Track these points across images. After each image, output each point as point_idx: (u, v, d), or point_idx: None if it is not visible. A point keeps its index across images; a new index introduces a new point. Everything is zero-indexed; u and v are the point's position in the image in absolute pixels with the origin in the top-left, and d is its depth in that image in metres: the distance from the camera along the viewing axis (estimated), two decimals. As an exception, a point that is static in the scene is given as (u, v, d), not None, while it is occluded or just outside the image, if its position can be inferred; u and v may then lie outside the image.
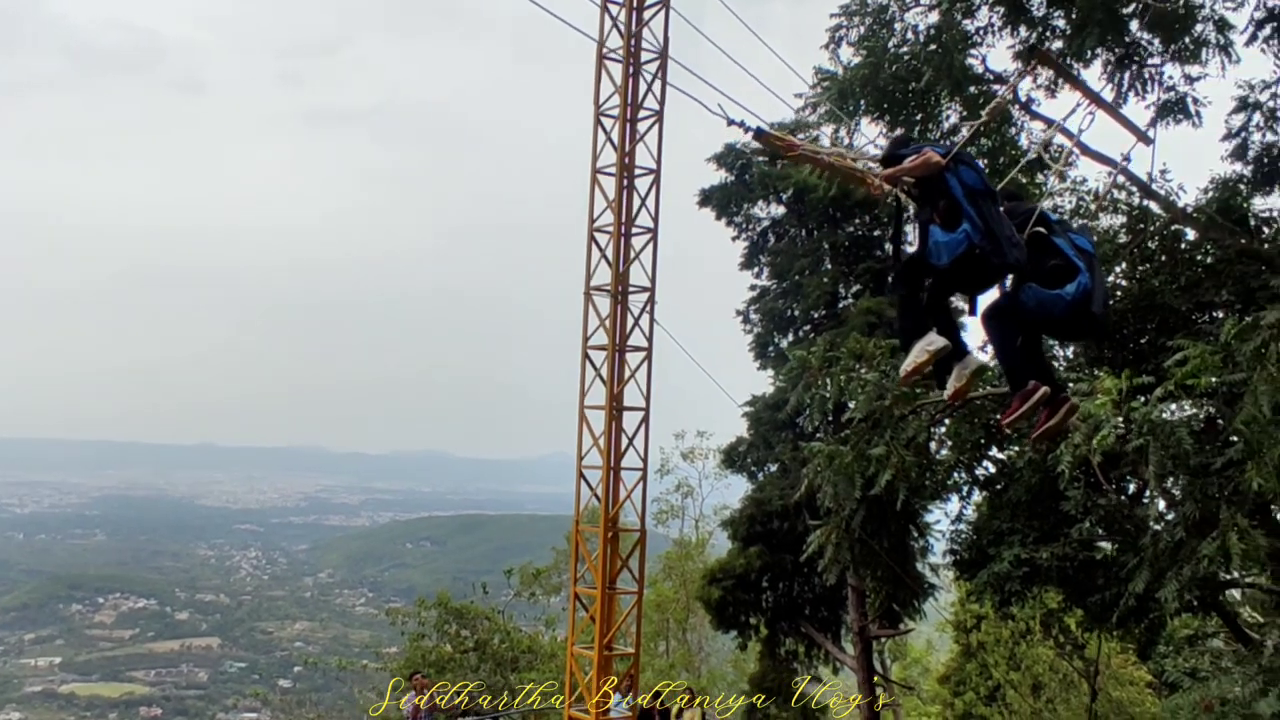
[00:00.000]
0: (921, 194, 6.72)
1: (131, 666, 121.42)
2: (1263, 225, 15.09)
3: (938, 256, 6.48)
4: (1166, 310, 14.44)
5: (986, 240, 6.31)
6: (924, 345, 6.65)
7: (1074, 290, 6.45)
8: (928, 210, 6.62)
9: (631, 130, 19.00)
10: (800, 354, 14.97)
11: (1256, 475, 10.26)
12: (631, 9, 18.87)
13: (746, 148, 28.02)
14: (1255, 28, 15.12)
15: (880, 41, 15.90)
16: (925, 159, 6.58)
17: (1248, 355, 10.72)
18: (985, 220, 6.36)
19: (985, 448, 15.73)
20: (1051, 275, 6.51)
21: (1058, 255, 6.58)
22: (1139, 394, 11.12)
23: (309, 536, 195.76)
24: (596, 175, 19.18)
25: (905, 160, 6.69)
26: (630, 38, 18.76)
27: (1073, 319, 6.55)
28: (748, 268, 28.32)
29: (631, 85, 18.99)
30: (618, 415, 18.92)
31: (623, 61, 18.86)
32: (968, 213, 6.37)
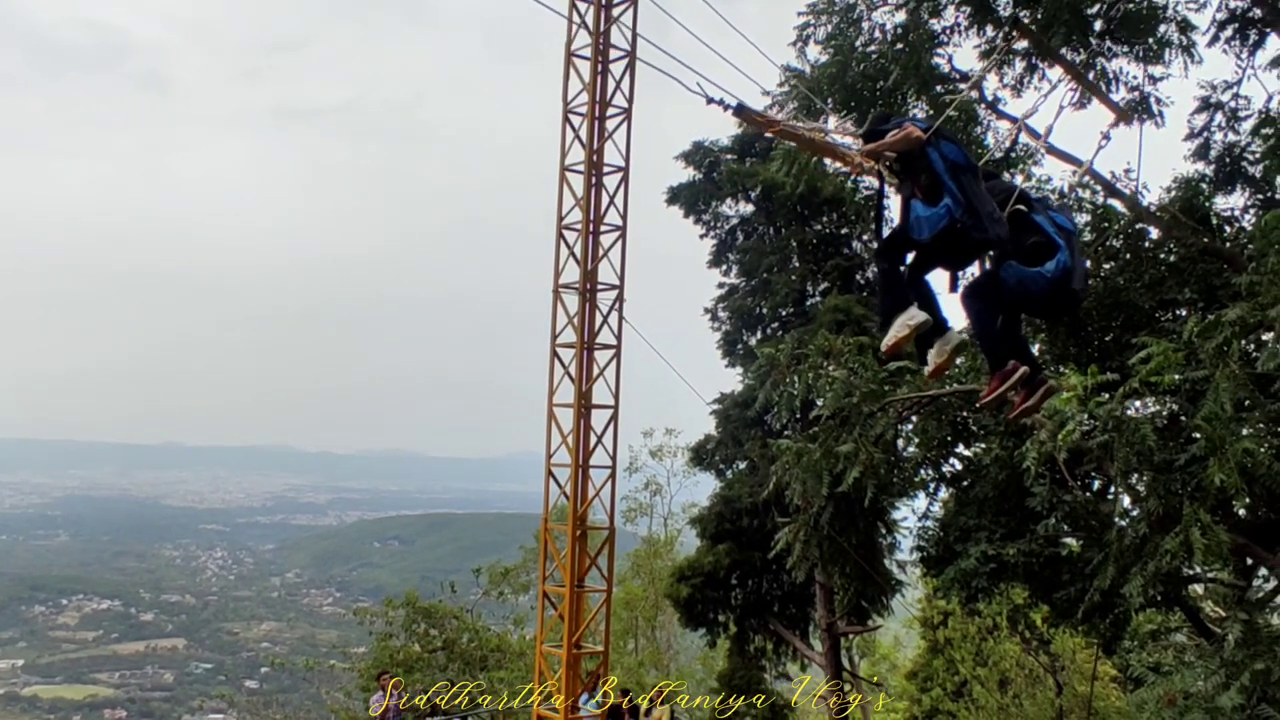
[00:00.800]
0: (903, 169, 6.66)
1: (95, 668, 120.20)
2: (1224, 224, 15.25)
3: (919, 231, 6.40)
4: (1131, 308, 14.56)
5: (968, 215, 6.27)
6: (904, 320, 6.56)
7: (1054, 268, 6.45)
8: (909, 185, 6.55)
9: (600, 128, 18.99)
10: (768, 352, 15.02)
11: (1218, 471, 10.36)
12: (599, 7, 18.85)
13: (715, 146, 28.11)
14: (1217, 29, 15.34)
15: (848, 40, 15.97)
16: (907, 133, 6.55)
17: (1210, 352, 10.85)
18: (967, 195, 6.33)
19: (952, 445, 15.83)
20: (1032, 253, 6.50)
21: (1038, 233, 6.58)
22: (1104, 391, 11.21)
23: (276, 536, 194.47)
24: (565, 173, 19.16)
25: (887, 135, 6.69)
26: (598, 36, 18.75)
27: (1053, 296, 6.52)
28: (716, 265, 28.38)
29: (600, 83, 18.97)
30: (586, 413, 18.90)
31: (591, 59, 18.84)
32: (949, 187, 6.33)
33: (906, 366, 14.85)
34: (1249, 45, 15.46)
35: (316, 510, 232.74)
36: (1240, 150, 15.96)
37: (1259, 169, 15.81)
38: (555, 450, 19.12)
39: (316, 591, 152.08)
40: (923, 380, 14.69)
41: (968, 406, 14.97)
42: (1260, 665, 10.52)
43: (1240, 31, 15.37)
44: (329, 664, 35.11)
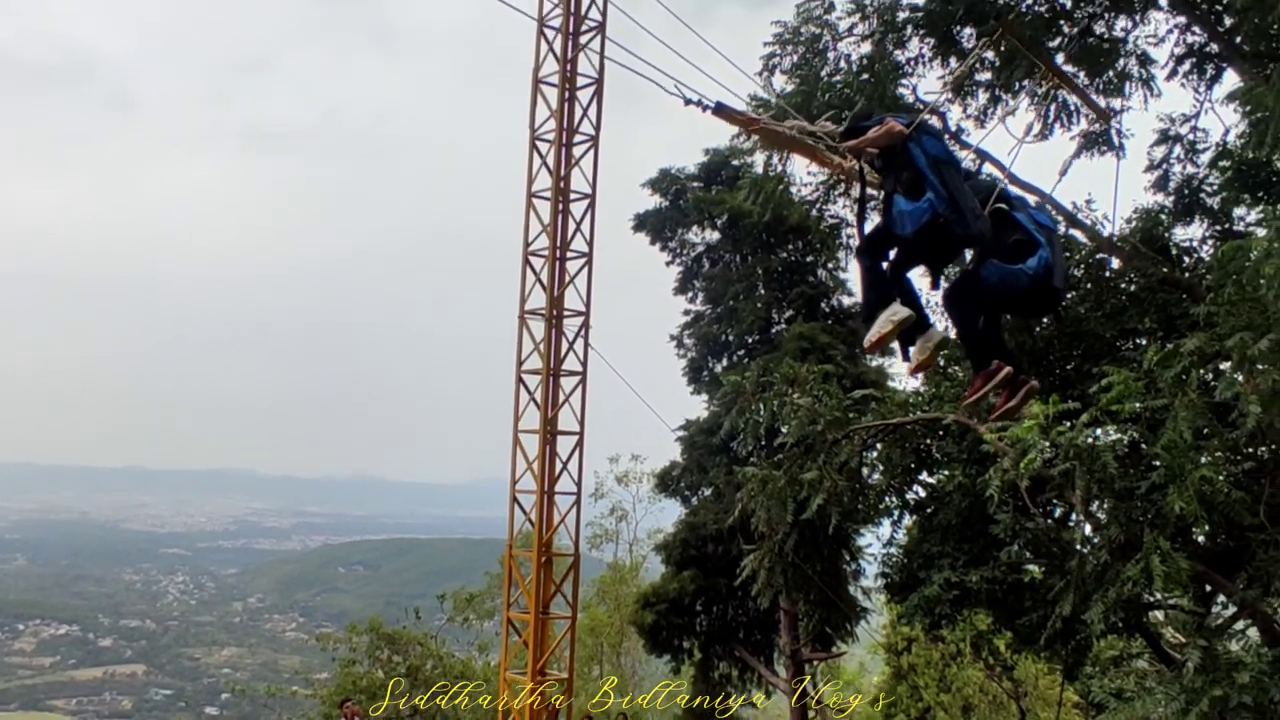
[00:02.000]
0: (885, 164, 6.68)
1: (52, 695, 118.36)
2: (1183, 255, 15.43)
3: (901, 226, 6.44)
4: (1092, 337, 14.69)
5: (950, 210, 6.29)
6: (888, 316, 6.61)
7: (1035, 264, 6.48)
8: (891, 180, 6.58)
9: (567, 155, 19.09)
10: (734, 379, 15.07)
11: (1178, 499, 10.47)
12: (567, 35, 18.95)
13: (681, 173, 28.25)
14: (1175, 63, 15.58)
15: (813, 70, 16.10)
16: (888, 128, 6.56)
17: (1169, 381, 10.97)
18: (949, 190, 6.34)
19: (916, 472, 15.89)
20: (1013, 250, 6.54)
21: (1018, 230, 6.60)
22: (1065, 419, 11.31)
23: (238, 561, 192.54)
24: (532, 199, 19.21)
25: (868, 131, 6.70)
26: (565, 63, 18.85)
27: (1035, 294, 6.58)
28: (682, 292, 28.47)
29: (567, 110, 19.06)
30: (551, 440, 18.92)
31: (558, 87, 18.93)
32: (931, 182, 6.35)
33: (870, 394, 14.96)
34: (1206, 79, 15.70)
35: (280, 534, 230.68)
36: (1198, 182, 16.17)
37: (1217, 200, 16.02)
38: (520, 476, 19.11)
39: (279, 617, 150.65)
40: (887, 408, 14.79)
41: (931, 434, 15.07)
42: (1219, 691, 10.60)
43: (1198, 66, 15.61)
44: (291, 691, 34.70)
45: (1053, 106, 15.53)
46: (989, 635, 23.36)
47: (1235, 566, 13.01)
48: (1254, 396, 10.41)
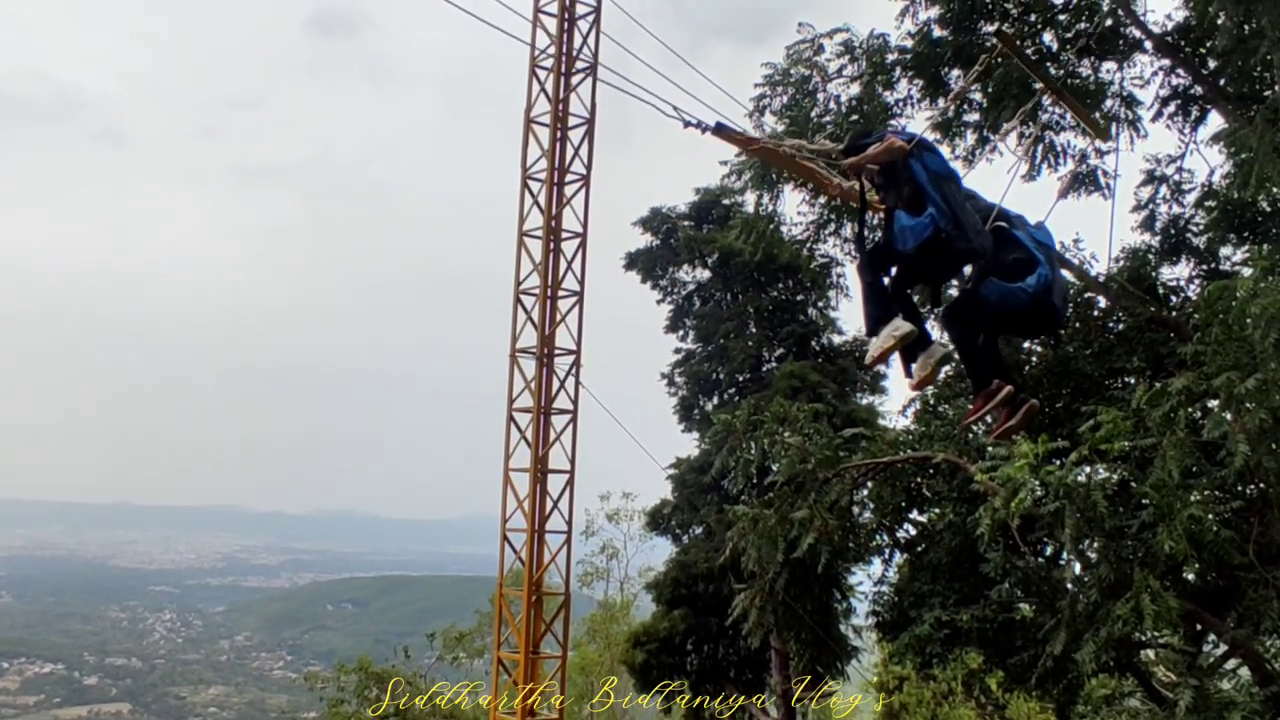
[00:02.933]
0: (885, 181, 6.71)
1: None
2: (1170, 294, 15.55)
3: (903, 241, 6.45)
4: (1080, 376, 14.76)
5: (952, 224, 6.31)
6: (890, 331, 6.60)
7: (1035, 282, 6.49)
8: (893, 196, 6.61)
9: (559, 194, 19.17)
10: (725, 418, 15.09)
11: (1168, 538, 10.50)
12: (559, 75, 19.08)
13: (672, 212, 28.38)
14: (1160, 105, 15.75)
15: (803, 111, 16.22)
16: (889, 144, 6.58)
17: (1157, 420, 11.03)
18: (950, 205, 6.37)
19: (906, 510, 15.91)
20: (1012, 269, 6.55)
21: (1018, 249, 6.60)
22: (1054, 458, 11.35)
23: (226, 598, 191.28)
24: (523, 238, 19.28)
25: (869, 147, 6.72)
26: (557, 103, 18.97)
27: (1035, 312, 6.58)
28: (673, 331, 28.54)
29: (559, 149, 19.17)
30: (542, 479, 18.89)
31: (550, 126, 19.05)
32: (932, 197, 6.37)
33: (861, 433, 14.99)
34: (1191, 121, 15.85)
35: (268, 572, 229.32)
36: (1184, 222, 16.32)
37: (1203, 240, 16.18)
38: (511, 515, 19.09)
39: (267, 655, 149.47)
40: (877, 447, 14.82)
41: (922, 473, 15.10)
42: (1211, 731, 10.62)
43: (1182, 107, 15.78)
44: (278, 730, 34.45)
45: (1039, 147, 15.68)
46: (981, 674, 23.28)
47: (1225, 605, 13.03)
48: (1242, 435, 10.48)
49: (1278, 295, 10.90)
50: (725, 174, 17.30)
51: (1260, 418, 10.42)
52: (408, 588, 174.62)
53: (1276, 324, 10.61)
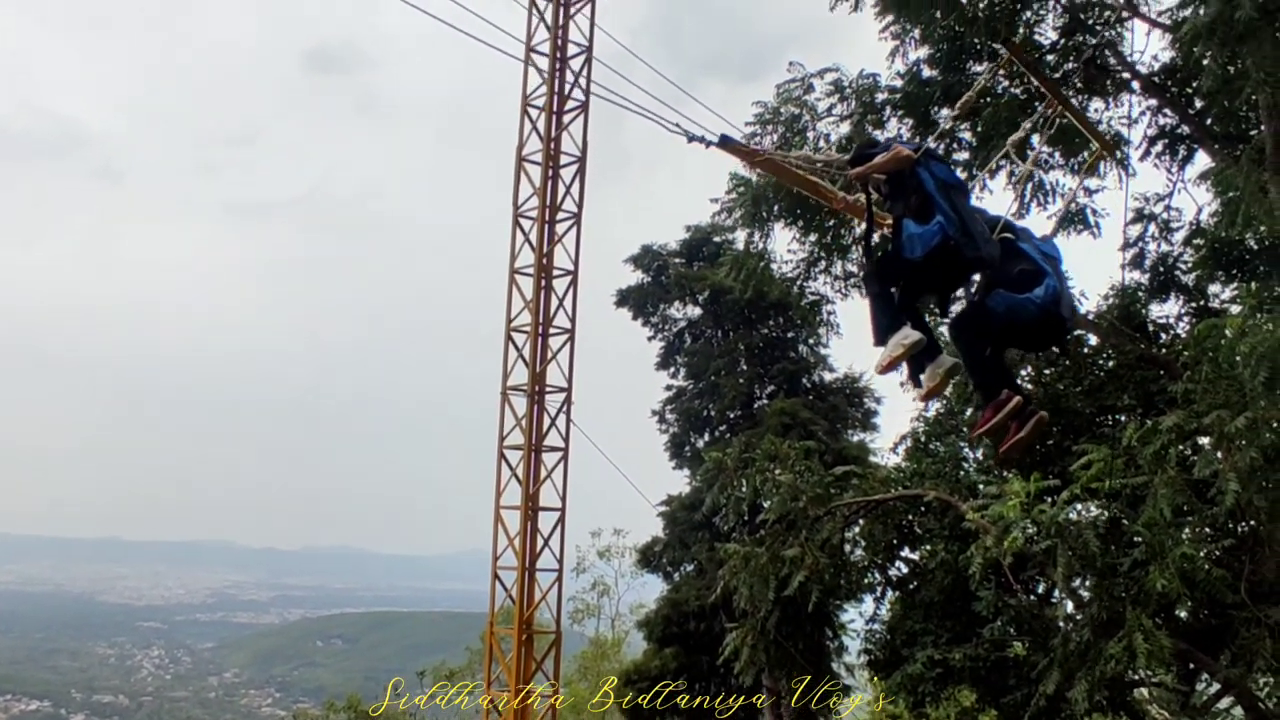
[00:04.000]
0: (892, 191, 6.72)
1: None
2: (1160, 331, 15.59)
3: (911, 249, 6.43)
4: (1071, 413, 14.77)
5: (960, 232, 6.32)
6: (899, 339, 6.57)
7: (1043, 293, 6.49)
8: (900, 206, 6.61)
9: (550, 231, 19.23)
10: (716, 455, 15.08)
11: (1160, 577, 10.49)
12: (551, 113, 19.18)
13: (663, 249, 28.49)
14: (1148, 144, 15.86)
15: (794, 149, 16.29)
16: (896, 153, 6.61)
17: (1148, 459, 11.04)
18: (959, 213, 6.38)
19: (898, 548, 15.89)
20: (1018, 280, 6.55)
21: (1024, 260, 6.60)
22: (1046, 495, 11.35)
23: (215, 634, 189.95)
24: (515, 275, 19.32)
25: (875, 157, 6.71)
26: (549, 142, 19.05)
27: (1042, 323, 6.58)
28: (664, 368, 28.62)
29: (550, 187, 19.24)
30: (533, 516, 18.84)
31: (542, 165, 19.13)
32: (940, 206, 6.37)
33: (852, 470, 14.98)
34: (1179, 160, 15.97)
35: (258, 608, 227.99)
36: (1173, 260, 16.38)
37: (1192, 278, 16.24)
38: (502, 553, 19.02)
39: (256, 692, 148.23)
40: (868, 484, 14.81)
41: (913, 510, 15.08)
42: (1205, 772, 10.57)
43: (1170, 147, 15.89)
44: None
45: (1029, 185, 15.75)
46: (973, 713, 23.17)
47: (1218, 644, 12.99)
48: (1232, 474, 10.47)
49: (1266, 334, 10.93)
50: (716, 212, 17.36)
51: (1251, 456, 10.42)
52: (398, 624, 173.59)
53: (1266, 362, 10.62)
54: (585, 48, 19.93)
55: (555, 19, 19.78)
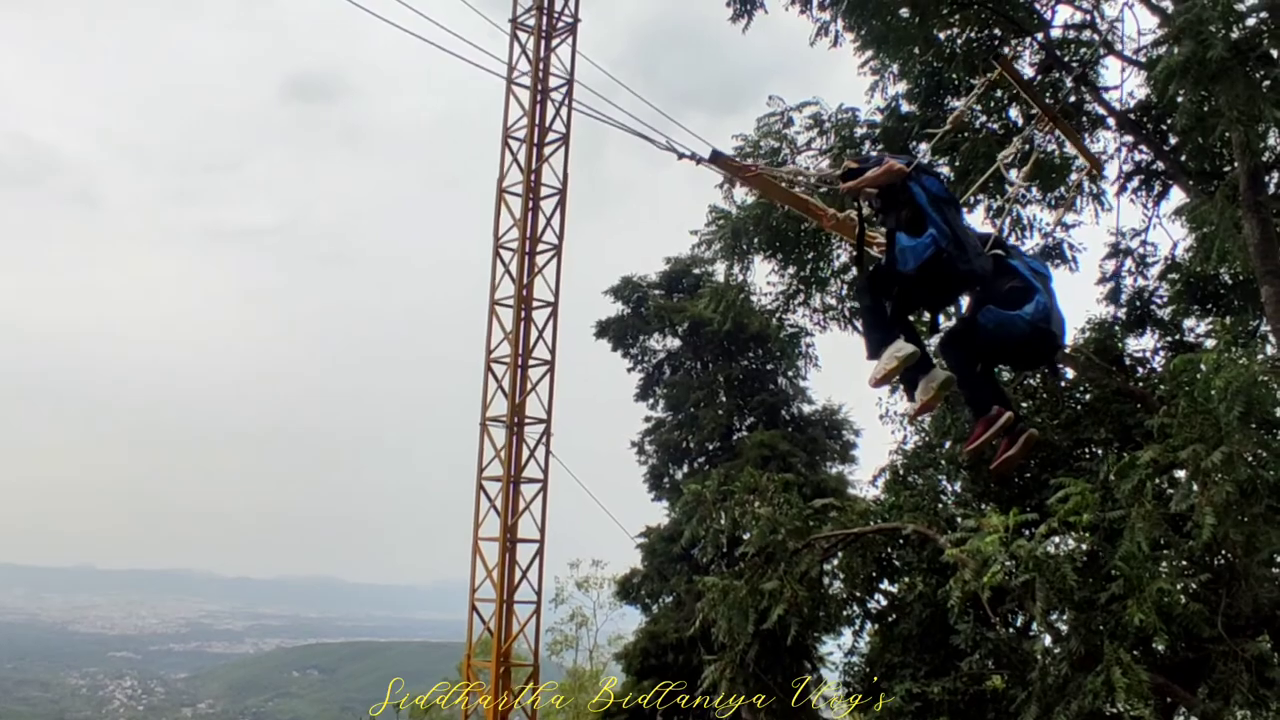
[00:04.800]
0: (884, 205, 6.70)
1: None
2: (1136, 365, 15.70)
3: (904, 262, 6.41)
4: (1049, 447, 14.83)
5: (953, 244, 6.31)
6: (892, 352, 6.54)
7: (1033, 310, 6.48)
8: (892, 219, 6.58)
9: (530, 263, 19.26)
10: (695, 487, 15.07)
11: (1137, 611, 10.53)
12: (532, 145, 19.25)
13: (643, 281, 28.53)
14: (1124, 180, 16.02)
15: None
16: (888, 167, 6.59)
17: (1126, 493, 11.10)
18: (951, 225, 6.38)
19: (877, 581, 15.89)
20: (1008, 297, 6.54)
21: (1015, 277, 6.60)
22: (1024, 529, 11.38)
23: (189, 664, 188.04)
24: (495, 306, 19.33)
25: (868, 171, 6.76)
26: (530, 173, 19.12)
27: (1032, 340, 6.55)
28: (643, 399, 28.64)
29: (531, 219, 19.29)
30: (511, 548, 18.78)
31: (522, 196, 19.18)
32: (933, 218, 6.36)
33: (831, 503, 15.00)
34: (1154, 195, 16.13)
35: (233, 637, 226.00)
36: (1149, 294, 16.53)
37: (1167, 312, 16.39)
38: (480, 585, 18.94)
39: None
40: (847, 517, 14.83)
41: (892, 543, 15.09)
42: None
43: (1146, 183, 16.06)
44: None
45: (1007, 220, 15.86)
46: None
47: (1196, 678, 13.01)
48: (1209, 508, 10.54)
49: (1241, 369, 11.02)
50: (695, 243, 17.42)
51: (1227, 490, 10.50)
52: (375, 654, 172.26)
53: (1241, 397, 10.71)
54: (566, 80, 20.05)
55: (536, 51, 19.88)
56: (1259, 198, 12.70)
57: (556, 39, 20.19)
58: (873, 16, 15.20)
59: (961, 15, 15.57)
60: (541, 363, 19.46)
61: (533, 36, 20.05)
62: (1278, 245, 12.96)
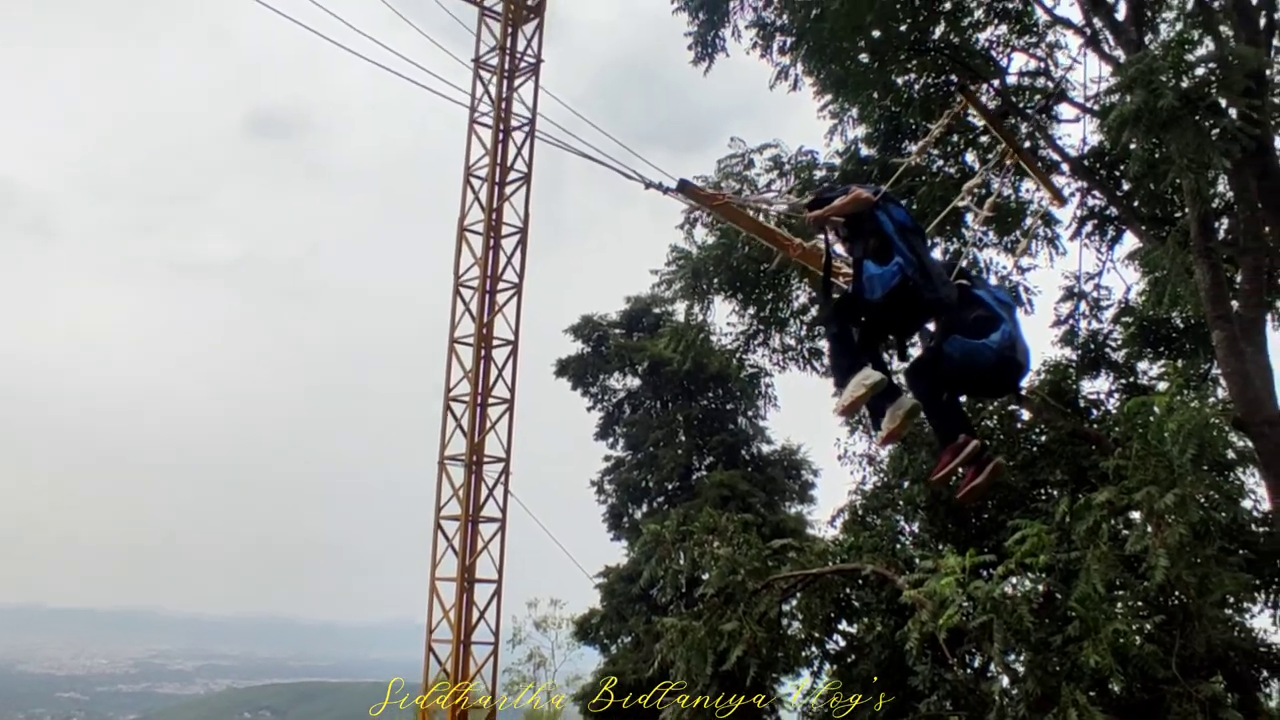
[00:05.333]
0: (851, 233, 6.70)
1: None
2: (1091, 407, 15.86)
3: (871, 291, 6.42)
4: (1005, 488, 14.92)
5: (919, 273, 6.33)
6: (860, 380, 6.50)
7: (999, 338, 6.51)
8: (859, 248, 6.59)
9: (490, 301, 19.25)
10: (654, 528, 15.04)
11: (1093, 653, 10.59)
12: (493, 184, 19.28)
13: (603, 320, 28.56)
14: (1078, 224, 16.24)
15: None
16: (855, 195, 6.61)
17: (1081, 534, 11.20)
18: (917, 254, 6.40)
19: (835, 622, 15.88)
20: (974, 326, 6.57)
21: (980, 306, 6.64)
22: (982, 570, 11.44)
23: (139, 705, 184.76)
24: (455, 344, 19.28)
25: (834, 200, 6.78)
26: (490, 212, 19.15)
27: (999, 368, 6.58)
28: (603, 438, 28.64)
29: (492, 257, 19.30)
30: (469, 588, 18.64)
31: (484, 235, 19.19)
32: (899, 247, 6.38)
33: (790, 544, 15.01)
34: (1108, 240, 16.36)
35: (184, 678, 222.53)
36: (1103, 337, 16.74)
37: (1121, 355, 16.59)
38: (437, 625, 18.76)
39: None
40: (806, 558, 14.84)
41: (851, 584, 15.11)
42: None
43: (1099, 227, 16.28)
44: None
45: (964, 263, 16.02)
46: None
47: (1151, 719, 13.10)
48: (1162, 549, 10.66)
49: (1193, 411, 11.17)
50: (655, 283, 17.46)
51: (1180, 532, 10.61)
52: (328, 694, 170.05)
53: (1193, 439, 10.85)
54: (529, 119, 20.11)
55: (499, 91, 19.96)
56: (1209, 243, 12.91)
57: (519, 79, 20.29)
58: (831, 61, 15.38)
59: (919, 61, 15.80)
60: (501, 401, 19.41)
61: (495, 76, 20.12)
62: (1228, 290, 13.17)
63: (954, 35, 15.73)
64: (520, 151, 19.87)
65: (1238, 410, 12.21)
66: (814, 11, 14.96)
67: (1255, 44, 12.37)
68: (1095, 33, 14.60)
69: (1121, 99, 11.34)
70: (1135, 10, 13.76)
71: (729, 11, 15.91)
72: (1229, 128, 11.08)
